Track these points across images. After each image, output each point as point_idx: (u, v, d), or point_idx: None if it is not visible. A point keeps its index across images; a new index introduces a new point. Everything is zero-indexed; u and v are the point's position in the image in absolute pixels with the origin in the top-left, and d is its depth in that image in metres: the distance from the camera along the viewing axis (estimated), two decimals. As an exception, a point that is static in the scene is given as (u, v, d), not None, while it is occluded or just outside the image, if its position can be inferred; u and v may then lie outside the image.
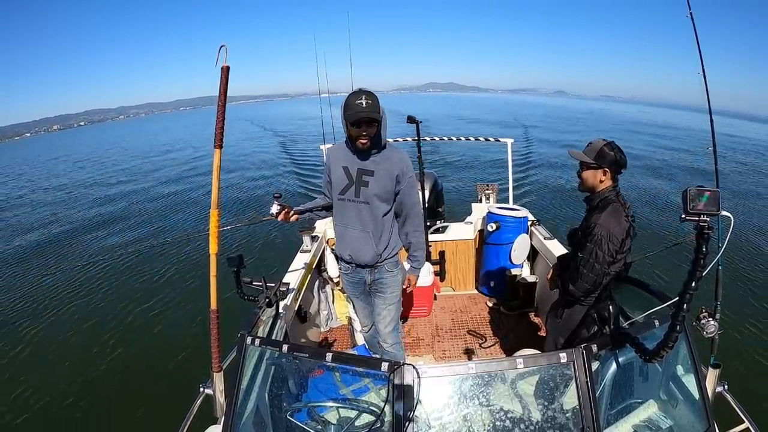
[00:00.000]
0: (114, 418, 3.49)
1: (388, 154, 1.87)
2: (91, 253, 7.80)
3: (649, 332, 1.38)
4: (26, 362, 4.46)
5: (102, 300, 5.70)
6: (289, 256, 3.09)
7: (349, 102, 1.72)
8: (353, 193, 1.87)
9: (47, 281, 6.70)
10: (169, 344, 4.44)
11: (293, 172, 13.21)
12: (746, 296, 4.63)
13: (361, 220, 1.90)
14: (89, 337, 4.82)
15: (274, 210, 1.93)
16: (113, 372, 4.11)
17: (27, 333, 5.07)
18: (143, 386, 3.82)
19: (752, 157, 13.77)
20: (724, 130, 25.94)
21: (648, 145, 18.14)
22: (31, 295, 6.24)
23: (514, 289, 3.34)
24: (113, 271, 6.69)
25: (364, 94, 1.71)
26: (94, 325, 5.05)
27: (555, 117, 34.72)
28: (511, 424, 1.28)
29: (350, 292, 2.21)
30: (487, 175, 10.61)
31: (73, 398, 3.79)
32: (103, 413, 3.57)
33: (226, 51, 1.42)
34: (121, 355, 4.37)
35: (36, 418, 3.63)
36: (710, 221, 1.00)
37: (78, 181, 17.33)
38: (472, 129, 24.53)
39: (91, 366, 4.24)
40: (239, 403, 1.46)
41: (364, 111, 1.69)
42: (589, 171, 1.77)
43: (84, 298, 5.86)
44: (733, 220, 1.09)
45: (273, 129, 29.51)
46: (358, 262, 1.98)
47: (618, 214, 1.70)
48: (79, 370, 4.19)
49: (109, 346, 4.56)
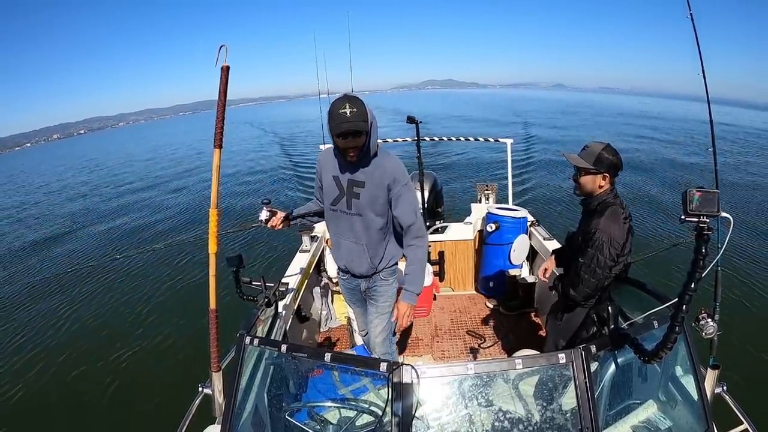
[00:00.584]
0: (113, 418, 3.49)
1: (379, 163, 1.72)
2: (91, 253, 7.81)
3: (648, 333, 1.38)
4: (26, 362, 4.46)
5: (101, 300, 5.70)
6: (289, 256, 3.10)
7: (332, 111, 1.56)
8: (345, 205, 1.77)
9: (47, 281, 6.70)
10: (169, 344, 4.44)
11: (294, 175, 13.20)
12: (745, 297, 4.63)
13: (354, 233, 1.81)
14: (89, 336, 4.82)
15: (263, 216, 1.87)
16: (112, 372, 4.10)
17: (27, 333, 5.07)
18: (142, 386, 3.82)
19: (752, 157, 13.79)
20: (721, 119, 25.86)
21: (647, 138, 18.09)
22: (31, 294, 6.25)
23: (513, 290, 3.34)
24: (113, 271, 6.69)
25: (349, 101, 1.54)
26: (93, 325, 5.06)
27: (554, 111, 34.57)
28: (510, 425, 1.28)
29: (347, 298, 2.16)
30: (487, 175, 10.62)
31: (72, 398, 3.79)
32: (103, 413, 3.57)
33: (227, 51, 1.42)
34: (120, 354, 4.36)
35: (36, 418, 3.63)
36: (710, 222, 1.00)
37: (76, 184, 17.34)
38: (471, 127, 24.52)
39: (90, 366, 4.23)
40: (238, 403, 1.46)
41: (348, 122, 1.53)
42: (588, 176, 1.73)
43: (84, 297, 5.86)
44: (732, 221, 1.09)
45: (274, 131, 29.50)
46: (353, 272, 1.93)
47: (617, 217, 1.69)
48: (78, 370, 4.18)
49: (108, 345, 4.55)
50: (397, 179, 1.72)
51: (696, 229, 1.00)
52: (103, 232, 9.28)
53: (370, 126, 1.62)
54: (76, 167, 25.41)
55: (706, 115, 1.86)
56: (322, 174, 1.84)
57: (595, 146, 1.72)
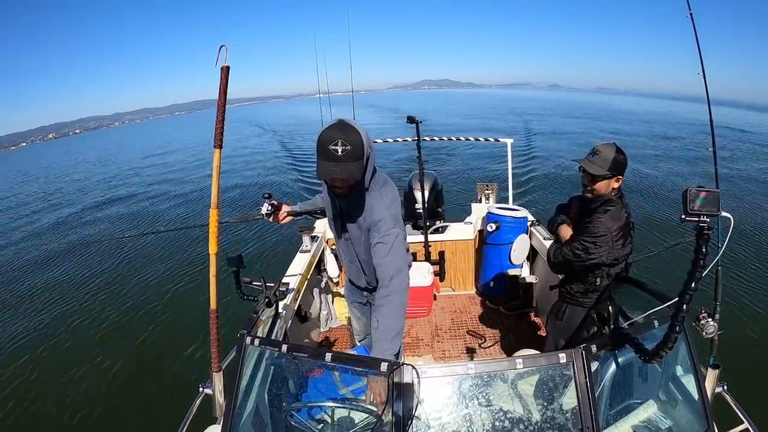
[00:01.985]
0: (113, 418, 3.49)
1: (369, 203, 1.55)
2: (91, 253, 7.80)
3: (648, 332, 1.38)
4: (24, 361, 4.46)
5: (101, 300, 5.70)
6: (289, 256, 3.09)
7: (322, 143, 1.35)
8: (340, 227, 1.71)
9: (47, 280, 6.70)
10: (169, 344, 4.45)
11: (294, 168, 13.22)
12: (746, 297, 4.63)
13: (349, 254, 1.78)
14: (88, 337, 4.82)
15: (265, 210, 1.86)
16: (113, 371, 4.11)
17: (26, 333, 5.07)
18: (143, 386, 3.82)
19: (751, 157, 13.79)
20: (720, 120, 25.87)
21: (645, 138, 18.13)
22: (31, 294, 6.25)
23: (513, 290, 3.34)
24: (113, 270, 6.69)
25: (342, 135, 1.33)
26: (94, 325, 5.06)
27: (551, 111, 34.59)
28: (510, 425, 1.28)
29: (349, 299, 2.17)
30: (487, 174, 10.61)
31: (71, 398, 3.79)
32: (103, 413, 3.57)
33: (227, 51, 1.42)
34: (120, 354, 4.37)
35: (35, 418, 3.63)
36: (710, 222, 1.00)
37: (74, 183, 17.34)
38: (470, 126, 24.52)
39: (90, 366, 4.24)
40: (239, 403, 1.46)
41: (337, 167, 1.34)
42: (603, 182, 1.71)
43: (83, 297, 5.86)
44: (732, 220, 1.09)
45: (273, 130, 29.54)
46: (357, 285, 1.95)
47: (620, 216, 1.72)
48: (77, 370, 4.18)
49: (108, 345, 4.56)
50: (379, 227, 1.52)
51: (696, 229, 1.00)
52: (103, 232, 9.28)
53: (366, 161, 1.43)
54: (87, 162, 25.47)
55: (704, 116, 1.87)
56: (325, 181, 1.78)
57: (607, 150, 1.70)
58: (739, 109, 53.42)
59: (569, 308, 1.92)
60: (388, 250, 1.50)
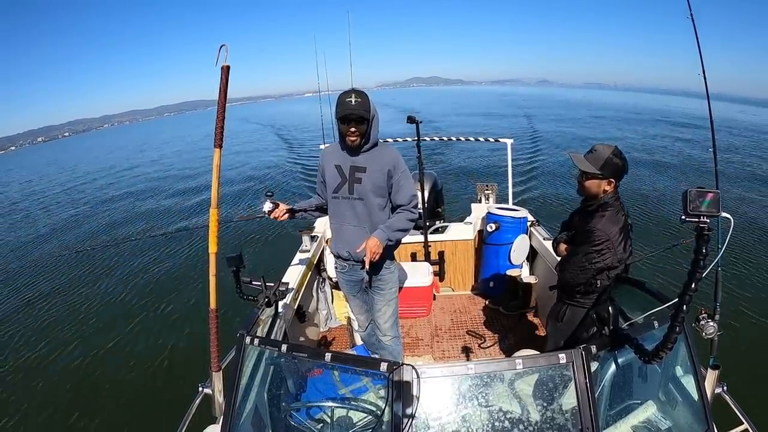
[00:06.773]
0: (113, 418, 3.49)
1: (379, 151, 1.92)
2: (91, 253, 7.80)
3: (648, 333, 1.37)
4: (24, 361, 4.46)
5: (101, 300, 5.71)
6: (289, 256, 3.09)
7: (340, 100, 1.78)
8: (347, 190, 1.92)
9: (46, 281, 6.70)
10: (169, 344, 4.44)
11: (295, 168, 13.22)
12: (746, 297, 4.63)
13: (356, 217, 1.94)
14: (88, 336, 4.82)
15: (267, 207, 1.97)
16: (112, 371, 4.11)
17: (26, 333, 5.07)
18: (142, 385, 3.82)
19: (751, 155, 13.77)
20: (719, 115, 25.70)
21: (641, 136, 18.08)
22: (30, 294, 6.25)
23: (513, 290, 3.34)
24: (113, 271, 6.69)
25: (355, 93, 1.76)
26: (93, 325, 5.06)
27: (543, 108, 34.49)
28: (510, 425, 1.28)
29: (347, 291, 2.21)
30: (487, 175, 10.61)
31: (71, 398, 3.79)
32: (103, 412, 3.57)
33: (227, 50, 1.43)
34: (120, 354, 4.37)
35: (34, 417, 3.63)
36: (710, 222, 1.00)
37: (72, 186, 17.34)
38: (470, 125, 24.49)
39: (89, 365, 4.24)
40: (238, 402, 1.46)
41: (352, 108, 1.75)
42: (593, 180, 1.72)
43: (83, 297, 5.86)
44: (732, 221, 1.09)
45: (271, 129, 29.54)
46: (356, 258, 1.97)
47: (617, 219, 1.71)
48: (77, 370, 4.19)
49: (108, 345, 4.56)
50: (397, 166, 1.90)
51: (696, 230, 1.00)
52: (102, 233, 9.28)
53: (372, 117, 1.82)
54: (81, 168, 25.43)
55: (700, 111, 1.86)
56: (325, 166, 1.98)
57: (603, 150, 1.70)
58: (734, 103, 53.22)
59: (569, 309, 1.92)
60: (409, 186, 1.94)
